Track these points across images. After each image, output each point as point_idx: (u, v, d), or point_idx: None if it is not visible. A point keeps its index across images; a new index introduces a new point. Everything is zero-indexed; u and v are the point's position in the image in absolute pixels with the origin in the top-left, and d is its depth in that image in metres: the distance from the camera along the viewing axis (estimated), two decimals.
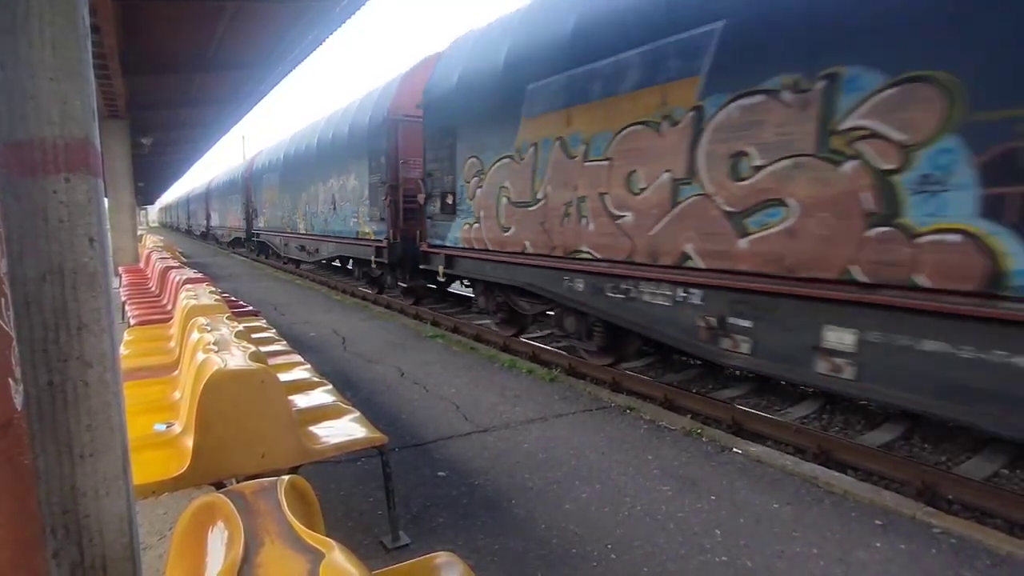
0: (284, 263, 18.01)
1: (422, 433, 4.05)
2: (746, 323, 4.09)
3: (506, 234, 6.46)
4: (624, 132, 4.89)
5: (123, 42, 7.78)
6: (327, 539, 1.12)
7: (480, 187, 6.83)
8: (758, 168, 3.85)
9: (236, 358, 2.47)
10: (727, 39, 3.98)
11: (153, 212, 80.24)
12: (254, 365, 2.40)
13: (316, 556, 1.07)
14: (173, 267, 7.67)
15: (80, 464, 1.44)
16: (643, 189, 4.74)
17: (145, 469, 2.14)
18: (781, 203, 3.74)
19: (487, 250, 6.82)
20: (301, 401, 3.00)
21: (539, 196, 5.89)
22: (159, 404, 2.95)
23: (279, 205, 16.67)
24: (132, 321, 5.39)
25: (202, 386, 2.23)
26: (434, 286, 10.10)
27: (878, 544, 2.68)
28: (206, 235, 33.44)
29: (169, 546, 1.26)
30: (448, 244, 7.65)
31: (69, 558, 1.44)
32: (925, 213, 3.10)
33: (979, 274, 2.91)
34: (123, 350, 4.00)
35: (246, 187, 21.18)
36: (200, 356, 2.59)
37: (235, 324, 3.46)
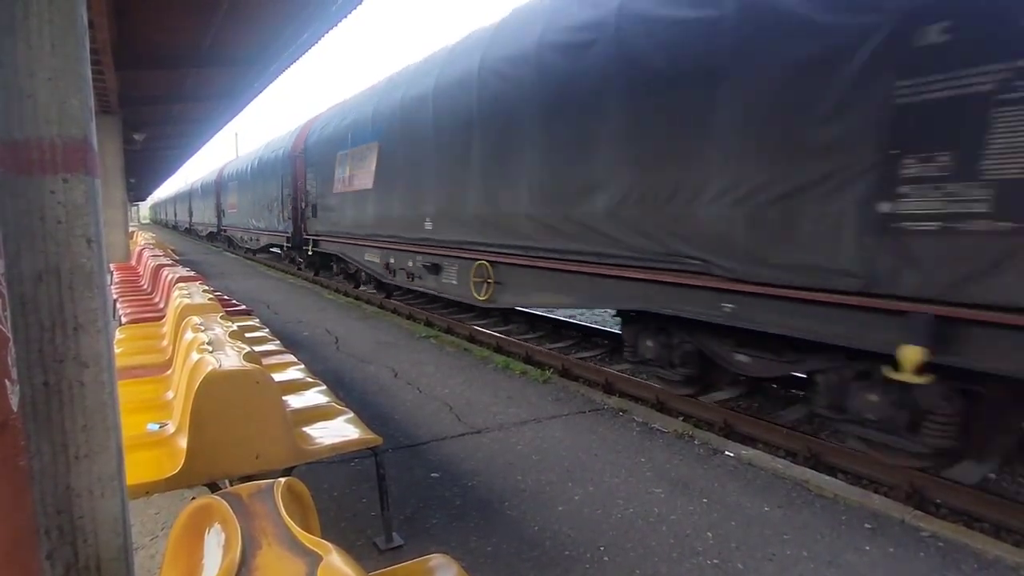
0: (245, 252, 21.97)
1: (416, 434, 4.05)
2: (393, 261, 9.13)
3: (335, 227, 11.37)
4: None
5: (116, 36, 7.72)
6: (324, 542, 1.12)
7: (325, 200, 11.78)
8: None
9: (230, 358, 2.46)
10: (381, 149, 9.09)
11: (145, 209, 79.53)
12: (249, 365, 2.39)
13: (314, 559, 1.08)
14: (165, 265, 7.62)
15: (75, 464, 1.43)
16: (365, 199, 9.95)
17: (138, 469, 2.13)
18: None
19: (330, 234, 11.74)
20: (295, 401, 2.99)
21: (337, 206, 11.08)
22: (152, 403, 2.93)
23: (237, 206, 20.95)
24: (124, 319, 5.35)
25: (196, 386, 2.22)
26: (332, 264, 13.78)
27: (867, 547, 2.71)
28: (189, 230, 37.94)
29: (163, 547, 1.26)
30: (314, 233, 12.66)
31: (63, 559, 1.43)
32: None
33: None
34: (115, 348, 3.98)
35: (216, 190, 24.77)
36: (194, 356, 2.57)
37: (229, 323, 3.45)
